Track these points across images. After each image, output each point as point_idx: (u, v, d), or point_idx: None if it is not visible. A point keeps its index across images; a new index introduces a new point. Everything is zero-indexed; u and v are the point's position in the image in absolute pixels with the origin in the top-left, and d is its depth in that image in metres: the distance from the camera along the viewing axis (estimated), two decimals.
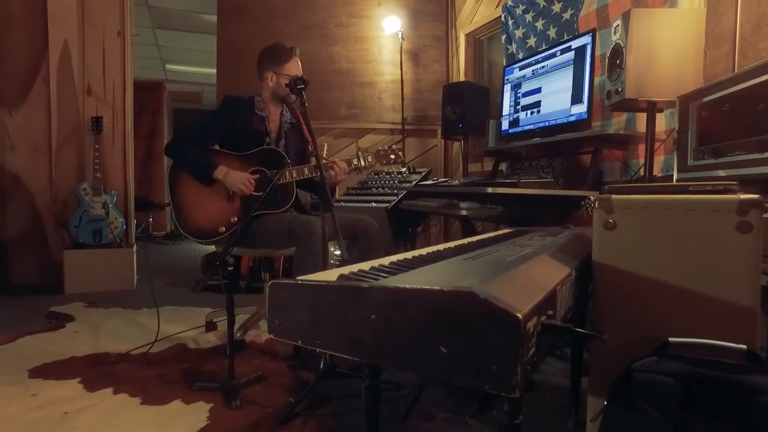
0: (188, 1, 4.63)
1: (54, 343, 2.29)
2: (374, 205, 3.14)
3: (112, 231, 3.57)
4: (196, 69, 7.06)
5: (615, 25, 1.99)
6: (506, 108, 3.07)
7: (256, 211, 1.97)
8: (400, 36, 3.98)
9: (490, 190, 2.11)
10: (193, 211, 2.12)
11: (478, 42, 4.12)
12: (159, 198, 7.51)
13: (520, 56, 3.35)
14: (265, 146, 2.22)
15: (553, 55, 2.65)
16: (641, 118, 2.38)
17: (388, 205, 3.08)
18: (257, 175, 2.14)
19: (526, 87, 2.89)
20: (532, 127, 2.82)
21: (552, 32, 3.09)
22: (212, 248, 3.18)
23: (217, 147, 2.25)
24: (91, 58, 3.75)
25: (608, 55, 2.04)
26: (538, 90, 2.77)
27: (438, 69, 4.27)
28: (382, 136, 4.24)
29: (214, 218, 2.11)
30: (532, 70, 2.83)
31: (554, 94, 2.64)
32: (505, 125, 3.07)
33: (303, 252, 1.97)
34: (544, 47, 3.13)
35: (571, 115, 2.50)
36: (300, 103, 1.93)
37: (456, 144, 4.15)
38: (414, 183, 3.26)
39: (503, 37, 3.55)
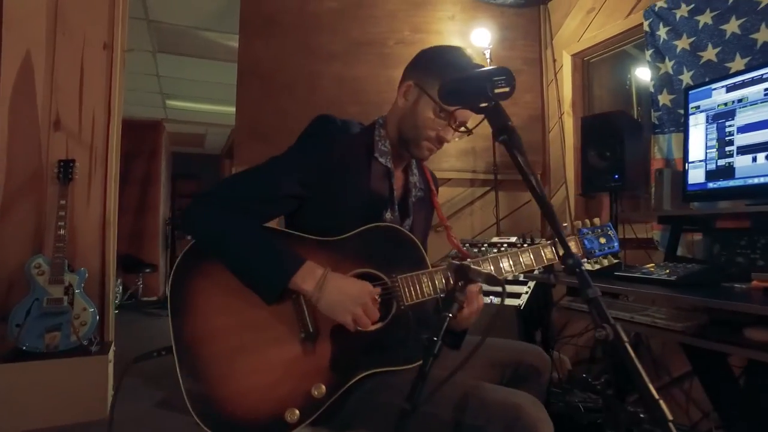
0: (200, 14, 3.66)
1: None
2: (495, 300, 1.97)
3: (76, 330, 2.36)
4: (200, 106, 6.05)
5: None
6: (697, 150, 1.98)
7: (370, 369, 0.81)
8: (488, 55, 2.95)
9: None
10: (228, 374, 0.94)
11: (588, 65, 3.10)
12: (152, 257, 6.26)
13: (684, 75, 2.31)
14: (382, 222, 1.09)
15: None
16: None
17: (520, 302, 1.91)
18: (378, 288, 0.99)
19: (746, 117, 1.80)
20: (765, 180, 1.72)
21: (761, 35, 2.05)
22: None
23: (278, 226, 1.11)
24: (63, 78, 2.66)
25: None
26: None
27: (531, 101, 3.22)
28: (459, 189, 3.12)
29: (275, 391, 0.93)
30: (765, 90, 1.75)
31: None
32: (697, 177, 1.97)
33: None
34: (740, 59, 2.10)
35: None
36: (509, 148, 0.82)
37: (559, 197, 3.04)
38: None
39: (649, 52, 2.52)
